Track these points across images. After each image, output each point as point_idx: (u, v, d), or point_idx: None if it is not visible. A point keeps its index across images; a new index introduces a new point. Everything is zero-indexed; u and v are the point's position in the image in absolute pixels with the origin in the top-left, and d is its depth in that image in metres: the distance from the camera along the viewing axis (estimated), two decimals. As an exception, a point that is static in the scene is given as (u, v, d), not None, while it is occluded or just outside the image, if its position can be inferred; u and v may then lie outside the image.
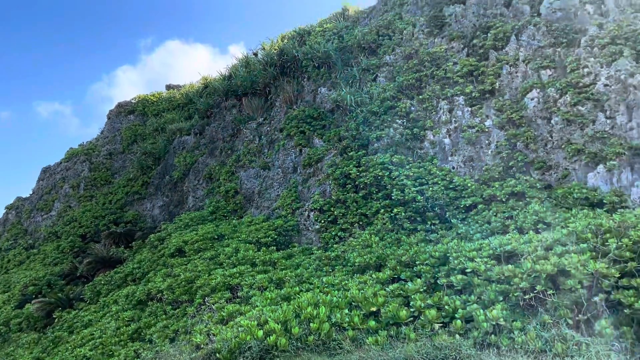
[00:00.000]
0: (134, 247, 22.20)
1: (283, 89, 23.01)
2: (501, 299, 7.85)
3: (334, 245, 14.95)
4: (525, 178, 14.83)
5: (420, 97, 18.79)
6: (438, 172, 16.14)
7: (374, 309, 8.41)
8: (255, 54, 26.75)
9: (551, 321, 7.19)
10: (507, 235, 10.23)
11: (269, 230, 17.18)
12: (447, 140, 17.24)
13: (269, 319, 8.34)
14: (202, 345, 9.17)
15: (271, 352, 7.83)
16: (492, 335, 7.09)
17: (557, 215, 11.96)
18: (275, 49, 24.72)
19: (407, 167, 16.63)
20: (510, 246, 9.15)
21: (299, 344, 7.89)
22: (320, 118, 20.79)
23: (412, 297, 8.46)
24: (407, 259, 10.43)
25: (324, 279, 10.82)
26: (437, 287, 9.01)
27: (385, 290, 9.07)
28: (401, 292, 8.86)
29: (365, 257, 11.76)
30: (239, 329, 8.69)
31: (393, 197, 15.61)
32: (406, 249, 11.39)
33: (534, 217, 12.09)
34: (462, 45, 19.95)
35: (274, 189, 20.29)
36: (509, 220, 12.59)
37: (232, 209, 21.10)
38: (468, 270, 8.78)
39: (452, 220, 14.58)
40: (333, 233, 16.01)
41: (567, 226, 9.29)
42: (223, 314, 10.37)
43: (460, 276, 8.65)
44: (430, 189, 15.40)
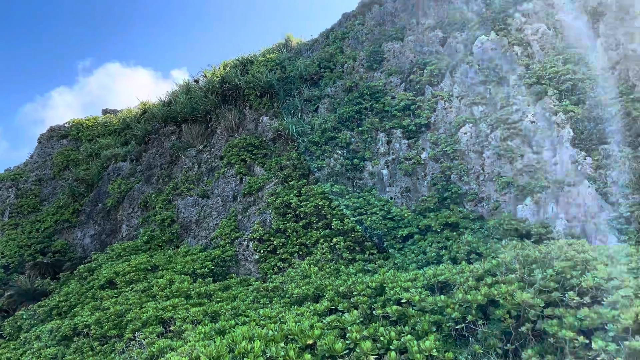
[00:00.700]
0: (62, 279, 20.95)
1: (224, 117, 22.85)
2: (434, 329, 7.95)
3: (273, 276, 14.75)
4: (459, 209, 15.33)
5: (360, 128, 19.19)
6: (376, 202, 16.40)
7: (310, 341, 8.28)
8: (197, 81, 26.49)
9: (481, 351, 7.35)
10: (441, 266, 10.46)
11: (206, 260, 16.73)
12: (385, 171, 17.61)
13: (201, 355, 8.02)
14: (130, 384, 8.67)
15: (202, 389, 7.50)
16: (426, 367, 7.14)
17: (489, 245, 12.40)
18: (217, 77, 24.60)
19: (347, 196, 16.80)
20: (443, 276, 9.34)
21: (232, 380, 7.61)
22: (261, 147, 20.75)
23: (349, 328, 8.41)
24: (345, 289, 10.41)
25: (261, 312, 10.59)
26: (374, 318, 9.02)
27: (322, 322, 8.97)
28: (338, 323, 8.79)
29: (303, 288, 11.64)
30: (170, 365, 8.30)
31: (333, 227, 15.67)
32: (344, 280, 11.39)
33: (466, 247, 12.47)
34: (400, 80, 20.66)
35: (213, 218, 19.89)
36: (444, 250, 12.91)
37: (167, 238, 20.44)
38: (403, 301, 8.88)
39: (389, 250, 14.78)
40: (272, 263, 15.81)
41: (497, 257, 9.61)
42: (153, 349, 9.89)
43: (395, 307, 8.71)
44: (369, 218, 15.59)
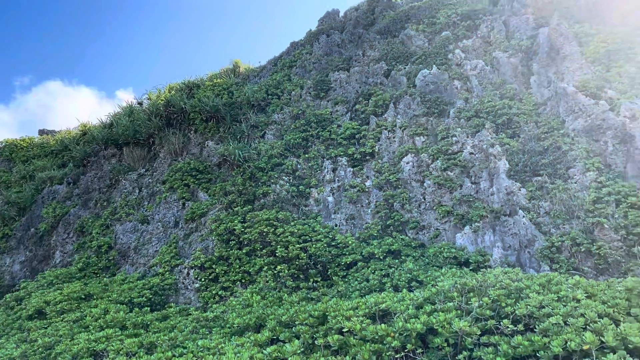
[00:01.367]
0: (-15, 309, 19.51)
1: (168, 140, 22.39)
2: (375, 358, 7.94)
3: (214, 305, 14.35)
4: (401, 237, 15.58)
5: (307, 155, 19.29)
6: (321, 229, 16.42)
7: (250, 373, 8.07)
8: (140, 103, 25.91)
9: (420, 380, 7.40)
10: (383, 294, 10.52)
11: (143, 289, 16.09)
12: (330, 199, 17.72)
13: (134, 390, 7.63)
14: None
15: None
16: (366, 397, 7.09)
17: (429, 273, 12.62)
18: (162, 100, 24.17)
19: (292, 223, 16.72)
20: (385, 305, 9.39)
21: (165, 416, 7.26)
22: (206, 171, 20.43)
23: (289, 359, 8.26)
24: (287, 318, 10.26)
25: (200, 342, 10.24)
26: (315, 348, 8.91)
27: (262, 352, 8.78)
28: (279, 354, 8.62)
29: (244, 317, 11.38)
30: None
31: (277, 254, 15.52)
32: (287, 309, 11.23)
33: (408, 275, 12.64)
34: (345, 109, 21.04)
35: (153, 244, 19.25)
36: (386, 278, 13.02)
37: (104, 265, 19.55)
38: (345, 330, 8.83)
39: (333, 278, 14.76)
40: (213, 292, 15.41)
41: (437, 285, 9.79)
42: (83, 385, 9.32)
43: (337, 336, 8.65)
44: (314, 246, 15.56)
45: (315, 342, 8.99)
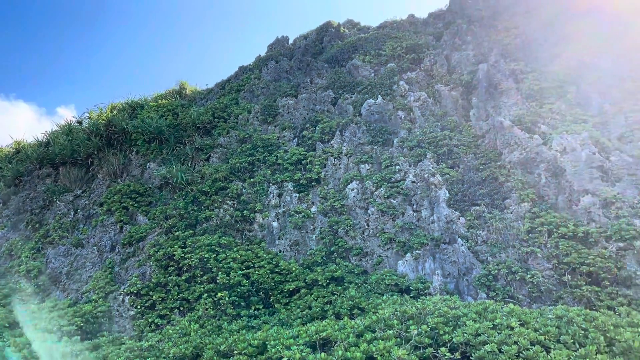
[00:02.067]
0: None
1: (108, 161, 21.61)
2: (314, 389, 7.80)
3: (149, 334, 13.74)
4: (345, 263, 15.60)
5: (252, 180, 19.11)
6: (265, 255, 16.19)
7: (183, 407, 7.72)
8: (80, 122, 24.95)
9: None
10: (324, 322, 10.43)
11: (74, 316, 15.20)
12: (275, 224, 17.56)
13: None
14: None
15: None
16: None
17: (371, 300, 12.66)
18: (104, 119, 23.39)
19: (234, 249, 16.41)
20: (325, 333, 9.30)
21: None
22: (146, 194, 19.79)
23: (226, 391, 7.98)
24: (226, 348, 9.96)
25: (132, 374, 9.74)
26: (253, 379, 8.67)
27: (197, 384, 8.44)
28: (215, 386, 8.32)
29: (181, 347, 10.95)
30: None
31: (218, 281, 15.13)
32: (226, 337, 10.91)
33: (350, 302, 12.61)
34: (293, 135, 21.11)
35: (87, 269, 18.32)
36: (328, 305, 12.93)
37: (33, 291, 18.37)
38: (284, 359, 8.65)
39: (275, 305, 14.52)
40: (150, 320, 14.77)
41: (377, 312, 9.81)
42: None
43: (276, 366, 8.46)
44: (257, 272, 15.29)
45: (254, 372, 8.75)
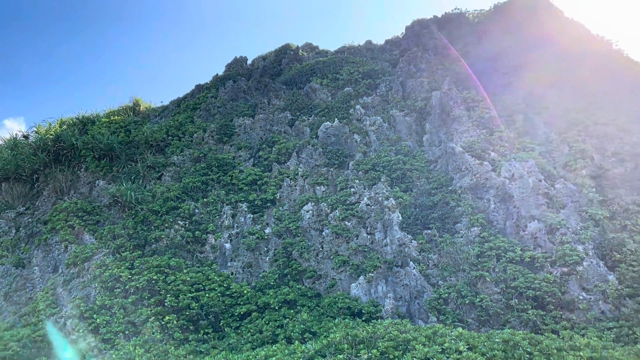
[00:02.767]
0: None
1: (54, 178, 20.77)
2: (261, 417, 7.59)
3: (91, 360, 13.10)
4: (298, 286, 15.44)
5: (205, 200, 18.78)
6: (216, 277, 15.83)
7: None
8: (27, 137, 23.97)
9: None
10: (275, 346, 10.24)
11: (10, 341, 14.32)
12: (228, 245, 17.25)
13: None
14: None
15: None
16: None
17: (323, 324, 12.54)
18: (52, 134, 22.55)
19: (185, 271, 15.97)
20: (275, 358, 9.13)
21: None
22: (94, 212, 19.08)
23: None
24: (171, 374, 9.59)
25: (68, 403, 9.22)
26: (198, 407, 8.36)
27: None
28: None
29: (124, 373, 10.48)
30: None
31: (166, 304, 14.64)
32: (171, 363, 10.52)
33: (302, 326, 12.45)
34: (249, 155, 20.96)
35: (27, 290, 17.39)
36: (280, 329, 12.73)
37: (-35, 314, 17.25)
38: (231, 386, 8.40)
39: (226, 329, 14.17)
40: (92, 345, 14.08)
41: (329, 336, 9.71)
42: None
43: (222, 393, 8.19)
44: (207, 295, 14.91)
45: (199, 400, 8.44)
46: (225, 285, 15.55)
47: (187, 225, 18.00)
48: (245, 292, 15.19)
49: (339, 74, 25.07)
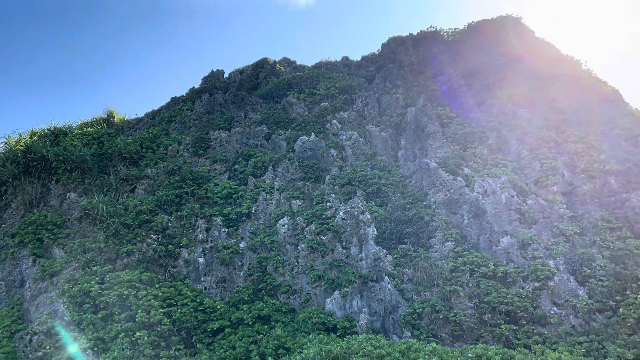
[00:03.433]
0: None
1: (24, 190, 20.25)
2: None
3: (57, 378, 12.68)
4: (272, 301, 15.28)
5: (179, 213, 18.53)
6: (189, 292, 15.57)
7: None
8: (-5, 148, 23.39)
9: None
10: (247, 363, 10.07)
11: (-28, 359, 13.81)
12: (201, 260, 17.01)
13: None
14: None
15: None
16: None
17: (297, 340, 12.41)
18: (22, 145, 22.04)
19: (156, 286, 15.67)
20: (248, 375, 8.96)
21: None
22: (64, 226, 18.62)
23: None
24: (140, 392, 9.33)
25: None
26: None
27: None
28: None
29: (91, 392, 10.16)
30: None
31: (137, 319, 14.32)
32: (141, 381, 10.25)
33: (276, 342, 12.30)
34: (224, 169, 20.81)
35: (-9, 306, 16.81)
36: (253, 345, 12.55)
37: None
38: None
39: (198, 345, 13.91)
40: (59, 362, 13.66)
41: (302, 352, 9.60)
42: None
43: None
44: (179, 310, 14.65)
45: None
46: (198, 300, 15.30)
47: (160, 239, 17.71)
48: (218, 307, 14.97)
49: (316, 89, 25.20)
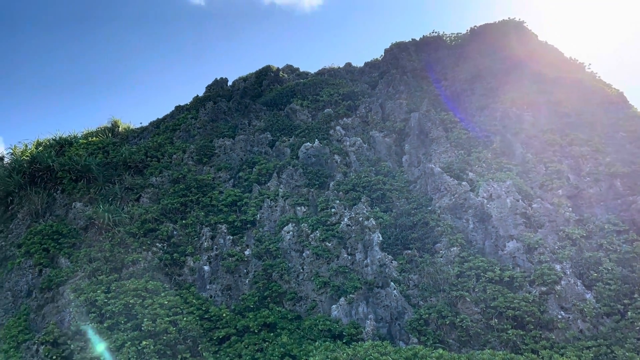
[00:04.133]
0: None
1: (30, 200, 20.35)
2: None
3: (63, 388, 12.69)
4: (278, 309, 15.25)
5: (184, 222, 18.56)
6: (195, 300, 15.57)
7: None
8: (1, 158, 23.54)
9: None
10: (253, 371, 10.04)
11: (-21, 370, 13.85)
12: (207, 268, 17.01)
13: None
14: None
15: None
16: None
17: (303, 347, 12.37)
18: (27, 156, 22.18)
19: (162, 294, 15.67)
20: (253, 383, 8.93)
21: None
22: (70, 235, 18.68)
23: None
24: (146, 402, 9.31)
25: None
26: None
27: None
28: None
29: (97, 401, 10.15)
30: None
31: (143, 328, 14.31)
32: (147, 390, 10.23)
33: (282, 349, 12.27)
34: (229, 176, 20.85)
35: (-2, 316, 16.86)
36: (259, 353, 12.53)
37: None
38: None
39: (204, 354, 13.88)
40: (65, 372, 13.67)
41: (308, 359, 9.56)
42: None
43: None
44: (185, 319, 14.64)
45: None
46: (203, 308, 15.29)
47: (165, 248, 17.74)
48: (224, 315, 14.95)
49: (319, 96, 25.25)
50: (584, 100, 20.12)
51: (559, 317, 12.65)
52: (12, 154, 23.93)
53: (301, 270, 16.30)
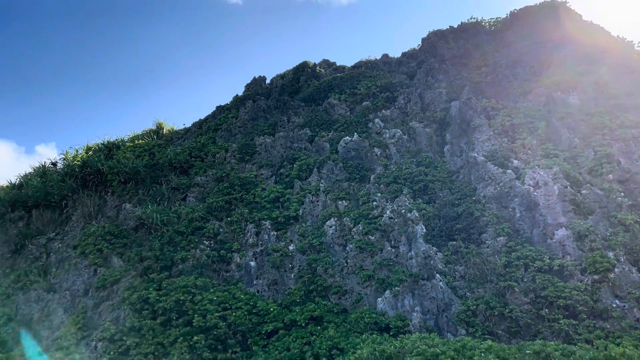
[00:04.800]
0: None
1: (83, 203, 21.26)
2: None
3: (122, 382, 13.24)
4: (324, 302, 15.39)
5: (229, 219, 18.96)
6: (242, 296, 15.91)
7: None
8: (55, 164, 24.69)
9: None
10: (302, 364, 10.21)
11: (45, 365, 14.62)
12: (253, 263, 17.34)
13: None
14: None
15: None
16: None
17: (350, 340, 12.46)
18: (79, 160, 23.17)
19: (211, 290, 16.10)
20: (303, 376, 9.08)
21: None
22: (121, 236, 19.42)
23: None
24: (200, 395, 9.63)
25: None
26: None
27: None
28: None
29: (154, 394, 10.57)
30: None
31: (194, 324, 14.75)
32: (201, 383, 10.57)
33: (329, 342, 12.40)
34: (270, 173, 21.14)
35: (59, 314, 17.72)
36: (307, 347, 12.70)
37: (1, 339, 17.65)
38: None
39: (253, 348, 14.19)
40: (123, 366, 14.25)
41: (356, 352, 9.65)
42: None
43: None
44: (234, 314, 14.99)
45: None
46: (251, 303, 15.61)
47: (212, 245, 18.19)
48: (271, 309, 15.22)
49: (357, 89, 25.18)
50: (632, 80, 19.27)
51: (614, 305, 12.25)
52: (65, 159, 25.05)
53: (345, 264, 16.38)
